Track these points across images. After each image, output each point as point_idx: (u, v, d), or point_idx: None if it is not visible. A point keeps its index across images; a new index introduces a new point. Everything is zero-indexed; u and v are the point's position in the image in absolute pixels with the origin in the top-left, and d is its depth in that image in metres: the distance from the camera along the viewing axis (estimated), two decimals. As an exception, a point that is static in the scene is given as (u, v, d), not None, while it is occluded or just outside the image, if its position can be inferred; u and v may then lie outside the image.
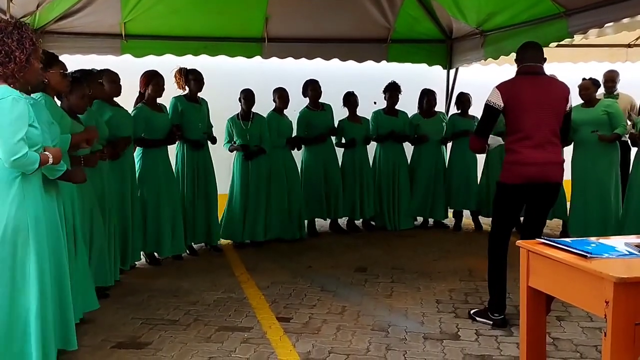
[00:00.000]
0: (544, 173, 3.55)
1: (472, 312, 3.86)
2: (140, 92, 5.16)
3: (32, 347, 2.72)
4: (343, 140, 6.55)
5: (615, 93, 6.16)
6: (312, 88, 6.26)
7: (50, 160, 2.77)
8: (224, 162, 6.02)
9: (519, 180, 3.57)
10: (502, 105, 3.56)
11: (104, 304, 3.97)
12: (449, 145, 6.80)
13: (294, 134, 6.24)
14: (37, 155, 2.68)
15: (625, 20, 4.63)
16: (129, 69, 4.93)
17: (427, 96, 6.67)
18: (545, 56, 3.66)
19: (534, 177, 3.54)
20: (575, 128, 5.59)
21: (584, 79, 5.60)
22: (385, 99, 6.63)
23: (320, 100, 6.33)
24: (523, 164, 3.54)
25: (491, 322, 3.66)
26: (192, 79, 5.46)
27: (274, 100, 6.08)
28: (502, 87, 3.59)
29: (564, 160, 3.66)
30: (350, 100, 6.50)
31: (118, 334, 3.61)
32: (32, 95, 3.19)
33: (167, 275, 4.93)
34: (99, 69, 4.60)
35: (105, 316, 3.90)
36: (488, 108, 3.63)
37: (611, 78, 6.14)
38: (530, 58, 3.60)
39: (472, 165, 6.65)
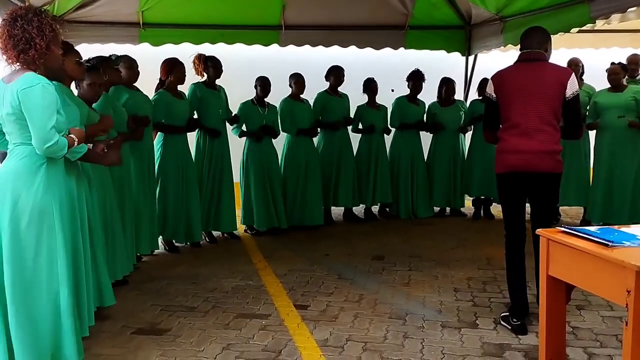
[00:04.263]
0: (529, 162, 3.36)
1: (500, 315, 3.69)
2: (160, 79, 5.19)
3: (64, 331, 2.74)
4: (360, 126, 6.54)
5: (638, 77, 6.04)
6: (335, 74, 6.25)
7: (75, 143, 2.78)
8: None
9: (504, 170, 3.47)
10: (495, 95, 3.51)
11: (123, 291, 4.03)
12: (469, 133, 6.73)
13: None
14: (66, 140, 2.70)
15: (649, 5, 4.54)
16: (147, 57, 4.94)
17: (445, 85, 6.61)
18: (549, 40, 3.49)
19: (518, 165, 3.39)
20: (601, 112, 5.58)
21: (612, 63, 5.54)
22: (408, 87, 6.59)
23: (339, 89, 6.33)
24: (507, 152, 3.44)
25: (510, 328, 3.48)
26: (210, 65, 5.46)
27: (290, 86, 6.07)
28: (494, 77, 3.54)
29: (558, 150, 3.39)
30: (370, 86, 6.47)
31: (138, 320, 3.65)
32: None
33: (185, 262, 4.97)
34: (118, 55, 4.65)
35: (125, 303, 3.94)
36: (486, 99, 3.63)
37: (635, 61, 6.02)
38: (524, 45, 3.49)
39: (493, 152, 6.48)
